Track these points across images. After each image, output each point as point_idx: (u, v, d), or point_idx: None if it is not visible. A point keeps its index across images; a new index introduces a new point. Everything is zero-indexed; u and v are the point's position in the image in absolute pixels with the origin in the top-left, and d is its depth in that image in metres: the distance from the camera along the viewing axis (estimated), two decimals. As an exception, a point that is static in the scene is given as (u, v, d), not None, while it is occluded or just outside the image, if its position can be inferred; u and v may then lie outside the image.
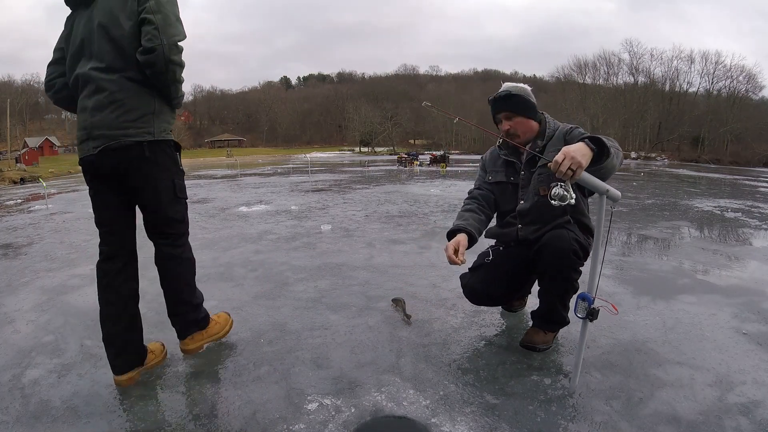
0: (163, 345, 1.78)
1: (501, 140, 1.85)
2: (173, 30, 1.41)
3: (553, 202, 1.31)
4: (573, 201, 1.30)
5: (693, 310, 2.21)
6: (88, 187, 1.57)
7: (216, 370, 1.71)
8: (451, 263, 1.66)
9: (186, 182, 1.67)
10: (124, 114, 1.43)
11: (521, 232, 1.81)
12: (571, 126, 1.77)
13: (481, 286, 1.87)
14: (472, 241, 1.75)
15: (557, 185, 1.30)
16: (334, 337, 1.98)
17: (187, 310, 1.71)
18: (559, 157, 1.28)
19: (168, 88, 1.48)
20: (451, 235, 1.78)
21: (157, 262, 1.65)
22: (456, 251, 1.67)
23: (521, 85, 1.81)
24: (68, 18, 1.55)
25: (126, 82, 1.43)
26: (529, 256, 1.75)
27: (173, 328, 1.74)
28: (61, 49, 1.57)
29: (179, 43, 1.43)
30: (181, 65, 1.46)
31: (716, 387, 1.53)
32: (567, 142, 1.65)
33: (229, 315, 1.94)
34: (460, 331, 2.02)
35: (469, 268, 1.96)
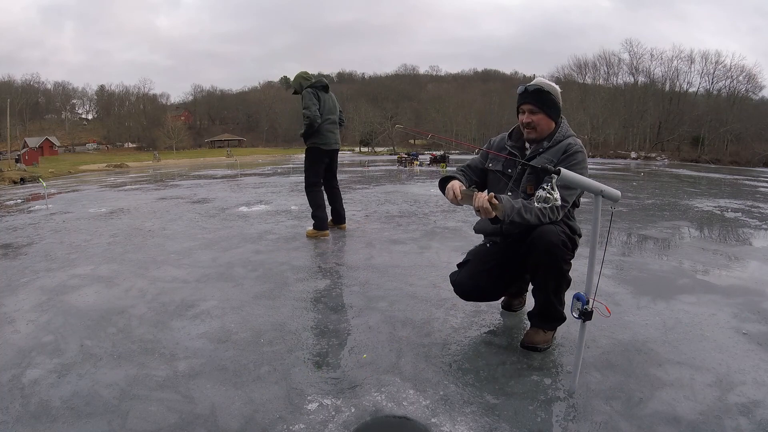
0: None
1: (511, 131, 1.90)
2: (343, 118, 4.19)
3: (537, 204, 1.34)
4: (558, 203, 1.33)
5: (693, 310, 2.22)
6: (319, 162, 3.99)
7: (216, 370, 1.71)
8: (453, 201, 1.66)
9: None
10: (337, 135, 4.05)
11: (505, 227, 1.83)
12: (573, 145, 1.76)
13: (469, 279, 1.89)
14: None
15: (541, 188, 1.33)
16: (334, 337, 1.98)
17: (342, 209, 4.32)
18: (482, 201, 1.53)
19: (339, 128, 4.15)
20: (443, 182, 1.82)
21: (328, 191, 4.19)
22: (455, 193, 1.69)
23: (554, 84, 1.82)
24: (316, 93, 3.82)
25: (339, 126, 4.08)
26: (517, 251, 1.77)
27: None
28: (316, 104, 3.79)
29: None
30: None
31: (716, 387, 1.53)
32: (565, 156, 1.72)
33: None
34: (460, 331, 2.02)
35: (457, 265, 2.00)
